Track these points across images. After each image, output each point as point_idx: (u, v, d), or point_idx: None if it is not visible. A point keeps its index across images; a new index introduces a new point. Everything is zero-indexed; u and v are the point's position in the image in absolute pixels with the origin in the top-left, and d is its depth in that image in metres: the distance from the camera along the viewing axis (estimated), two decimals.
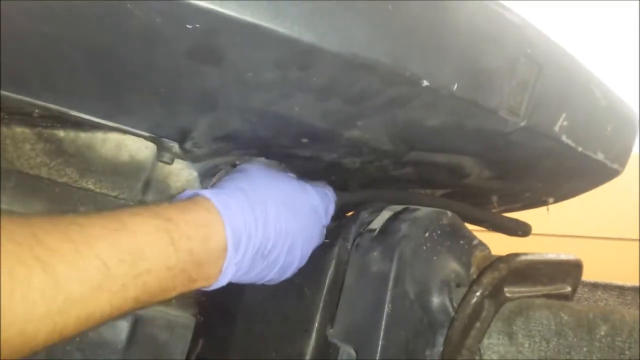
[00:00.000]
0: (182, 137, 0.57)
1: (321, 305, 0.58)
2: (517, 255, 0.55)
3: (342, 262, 0.59)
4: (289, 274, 0.57)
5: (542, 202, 0.82)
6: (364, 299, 0.55)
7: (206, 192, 0.51)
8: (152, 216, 0.46)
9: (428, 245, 0.56)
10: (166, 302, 0.64)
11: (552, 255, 0.60)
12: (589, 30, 1.83)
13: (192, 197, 0.51)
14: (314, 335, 0.57)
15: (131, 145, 0.59)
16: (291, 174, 0.61)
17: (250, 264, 0.52)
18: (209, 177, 0.63)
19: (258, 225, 0.51)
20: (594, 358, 0.52)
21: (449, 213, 0.59)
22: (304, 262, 0.58)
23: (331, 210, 0.61)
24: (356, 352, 0.54)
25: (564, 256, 0.62)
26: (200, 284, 0.49)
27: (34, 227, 0.38)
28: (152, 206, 0.48)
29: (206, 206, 0.49)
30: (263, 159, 0.63)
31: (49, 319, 0.36)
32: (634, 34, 1.79)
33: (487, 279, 0.53)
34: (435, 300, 0.55)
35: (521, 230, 0.77)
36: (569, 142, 0.57)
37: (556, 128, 0.55)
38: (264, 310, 0.64)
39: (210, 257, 0.48)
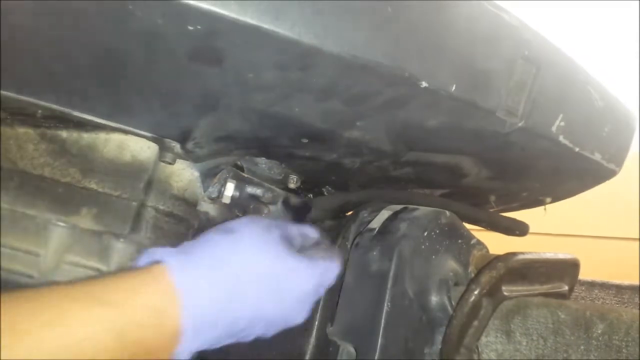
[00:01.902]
0: (183, 138, 0.57)
1: (321, 303, 0.58)
2: (514, 254, 0.56)
3: (342, 261, 0.59)
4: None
5: (540, 202, 0.82)
6: (364, 297, 0.55)
7: (172, 263, 0.44)
8: (93, 303, 0.40)
9: (427, 244, 0.57)
10: None
11: (549, 255, 0.60)
12: (587, 31, 1.83)
13: (152, 267, 0.44)
14: (314, 333, 0.58)
15: (133, 146, 0.59)
16: (289, 245, 0.51)
17: (215, 342, 0.45)
18: (210, 177, 0.63)
19: (228, 313, 0.45)
20: (591, 356, 0.53)
21: (448, 213, 0.60)
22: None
23: (330, 282, 0.52)
24: (356, 350, 0.55)
25: (561, 255, 0.62)
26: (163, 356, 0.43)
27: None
28: (97, 286, 0.42)
29: (164, 284, 0.42)
30: (263, 218, 0.58)
31: None
32: (634, 34, 1.79)
33: (485, 278, 0.53)
34: (434, 298, 0.56)
35: (519, 229, 0.77)
36: (566, 142, 0.57)
37: (553, 129, 0.56)
38: None
39: (163, 343, 0.42)
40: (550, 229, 1.70)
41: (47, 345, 0.37)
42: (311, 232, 0.56)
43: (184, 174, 0.62)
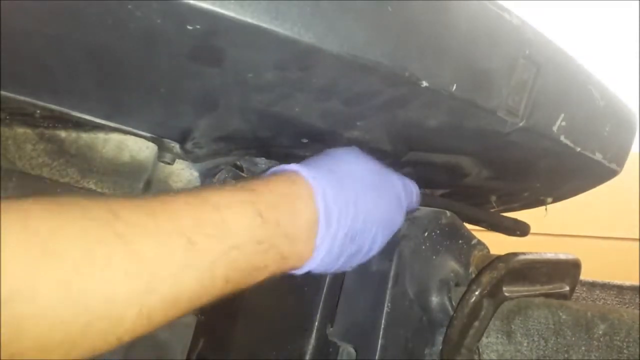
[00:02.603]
0: (183, 138, 0.57)
1: (321, 304, 0.58)
2: (515, 254, 0.56)
3: None
4: (365, 260, 0.53)
5: (541, 202, 0.82)
6: (364, 298, 0.55)
7: (294, 166, 0.48)
8: (234, 189, 0.43)
9: (427, 244, 0.57)
10: None
11: (550, 255, 0.60)
12: (587, 31, 1.83)
13: (279, 171, 0.48)
14: (314, 334, 0.57)
15: (132, 146, 0.59)
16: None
17: (341, 247, 0.48)
18: (209, 178, 0.63)
19: (349, 205, 0.48)
20: (592, 357, 0.53)
21: (448, 213, 0.60)
22: (379, 250, 0.54)
23: (414, 202, 0.57)
24: (356, 351, 0.54)
25: (562, 255, 0.62)
26: (293, 263, 0.46)
27: (111, 203, 0.35)
28: (234, 182, 0.46)
29: (294, 179, 0.47)
30: (353, 147, 0.59)
31: (134, 300, 0.33)
32: (634, 34, 1.79)
33: (485, 278, 0.53)
34: (435, 299, 0.56)
35: (520, 229, 0.77)
36: (568, 142, 0.57)
37: (554, 128, 0.56)
38: (264, 310, 0.64)
39: (300, 231, 0.44)
40: (551, 230, 1.70)
41: (204, 222, 0.38)
42: None
43: (183, 174, 0.62)
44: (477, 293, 0.52)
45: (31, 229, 0.31)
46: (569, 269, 0.63)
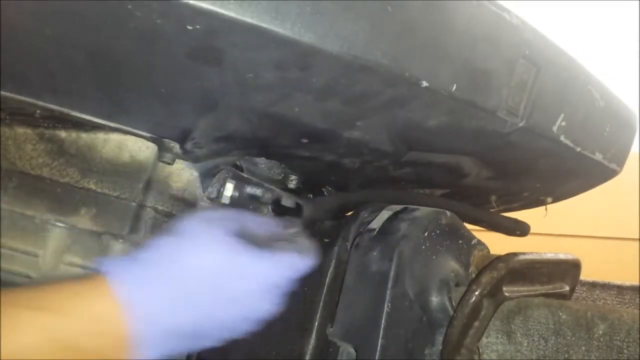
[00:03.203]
0: (182, 138, 0.57)
1: (321, 304, 0.58)
2: (515, 254, 0.55)
3: (342, 261, 0.59)
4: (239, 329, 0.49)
5: (541, 202, 0.82)
6: (364, 298, 0.55)
7: (111, 271, 0.42)
8: (32, 307, 0.38)
9: (427, 244, 0.56)
10: None
11: (550, 255, 0.60)
12: (587, 31, 1.83)
13: (94, 277, 0.42)
14: (314, 334, 0.57)
15: (132, 146, 0.59)
16: (246, 237, 0.49)
17: (175, 348, 0.44)
18: (209, 178, 0.63)
19: (181, 314, 0.43)
20: (592, 357, 0.52)
21: (448, 213, 0.59)
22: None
23: (296, 274, 0.50)
24: (356, 351, 0.54)
25: (562, 256, 0.62)
26: None
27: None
28: (38, 292, 0.40)
29: (108, 292, 0.41)
30: (215, 211, 0.54)
31: None
32: (634, 34, 1.79)
33: (485, 279, 0.53)
34: (435, 299, 0.56)
35: (520, 229, 0.77)
36: (567, 142, 0.57)
37: (554, 128, 0.56)
38: None
39: (107, 352, 0.41)
40: (551, 230, 1.70)
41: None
42: (280, 224, 0.55)
43: (183, 174, 0.62)
44: (477, 293, 0.52)
45: None
46: (569, 269, 0.63)
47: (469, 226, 0.62)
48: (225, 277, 0.45)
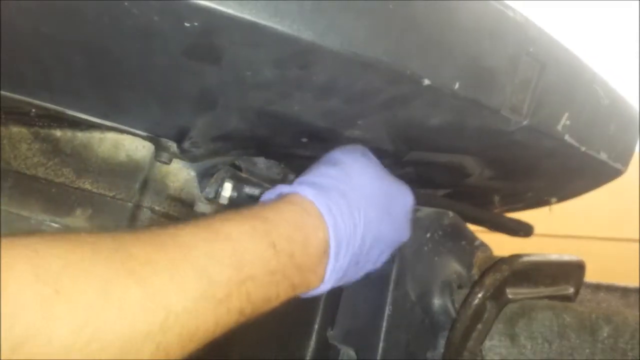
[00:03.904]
0: (180, 137, 0.57)
1: (321, 306, 0.58)
2: (519, 256, 0.55)
3: None
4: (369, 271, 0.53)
5: (545, 202, 0.82)
6: (365, 300, 0.55)
7: (307, 192, 0.47)
8: (247, 218, 0.42)
9: (429, 246, 0.56)
10: None
11: (554, 256, 0.60)
12: (587, 30, 1.83)
13: (290, 196, 0.47)
14: (314, 336, 0.57)
15: (128, 145, 0.58)
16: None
17: (346, 271, 0.48)
18: (207, 178, 0.63)
19: (357, 232, 0.47)
20: (597, 359, 0.52)
21: (451, 213, 0.59)
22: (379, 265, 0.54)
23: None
24: (356, 353, 0.54)
25: (566, 257, 0.61)
26: (301, 291, 0.45)
27: (120, 239, 0.35)
28: (243, 210, 0.44)
29: (306, 208, 0.46)
30: (359, 147, 0.57)
31: (151, 337, 0.33)
32: (634, 34, 1.79)
33: (489, 280, 0.52)
34: (437, 301, 0.55)
35: (523, 230, 0.76)
36: (572, 141, 0.57)
37: (559, 127, 0.55)
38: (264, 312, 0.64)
39: (311, 262, 0.44)
40: (555, 231, 1.69)
41: (218, 254, 0.38)
42: None
43: (180, 174, 0.62)
44: (480, 295, 0.52)
45: (41, 268, 0.30)
46: (573, 270, 0.63)
47: (471, 227, 0.62)
48: (383, 197, 0.51)
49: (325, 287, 0.46)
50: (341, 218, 0.46)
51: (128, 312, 0.32)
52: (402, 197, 0.53)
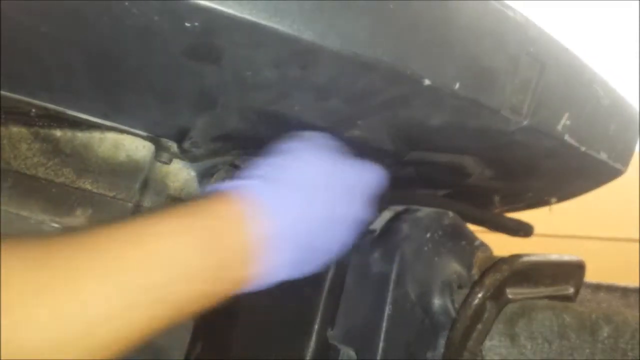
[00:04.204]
0: (180, 137, 0.57)
1: (321, 306, 0.57)
2: (519, 256, 0.55)
3: (343, 263, 0.58)
4: (328, 260, 0.51)
5: (545, 202, 0.82)
6: (365, 300, 0.55)
7: (247, 186, 0.45)
8: (179, 215, 0.41)
9: (429, 246, 0.56)
10: None
11: (554, 256, 0.59)
12: (587, 30, 1.83)
13: (228, 191, 0.45)
14: (314, 336, 0.57)
15: (129, 145, 0.58)
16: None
17: (293, 262, 0.46)
18: (207, 177, 0.63)
19: (302, 218, 0.46)
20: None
21: (451, 213, 0.59)
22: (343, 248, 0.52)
23: (382, 184, 0.54)
24: (356, 354, 0.54)
25: (566, 257, 0.61)
26: (244, 286, 0.44)
27: (47, 246, 0.35)
28: (182, 205, 0.43)
29: (244, 198, 0.44)
30: (314, 133, 0.55)
31: (78, 342, 0.33)
32: (634, 34, 1.79)
33: (489, 280, 0.52)
34: (437, 301, 0.55)
35: (523, 230, 0.76)
36: (572, 141, 0.57)
37: (559, 127, 0.55)
38: (263, 312, 0.64)
39: (250, 256, 0.42)
40: (555, 231, 1.69)
41: (146, 256, 0.37)
42: None
43: (180, 174, 0.62)
44: (480, 295, 0.51)
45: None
46: (573, 270, 0.63)
47: (471, 227, 0.62)
48: (337, 176, 0.49)
49: (273, 278, 0.45)
50: (283, 208, 0.44)
51: (55, 323, 0.32)
52: (360, 178, 0.51)
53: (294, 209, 0.45)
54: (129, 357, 0.50)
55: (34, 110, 0.53)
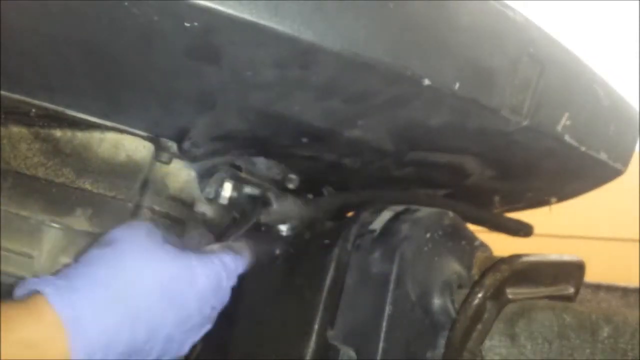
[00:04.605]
0: (180, 137, 0.57)
1: (321, 306, 0.57)
2: (519, 256, 0.55)
3: (343, 263, 0.58)
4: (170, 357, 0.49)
5: (545, 202, 0.82)
6: (365, 300, 0.55)
7: (49, 293, 0.40)
8: None
9: (429, 246, 0.56)
10: None
11: (554, 256, 0.59)
12: (587, 30, 1.83)
13: (30, 298, 0.40)
14: (314, 337, 0.57)
15: (128, 145, 0.58)
16: (178, 245, 0.51)
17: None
18: (207, 177, 0.63)
19: (123, 328, 0.42)
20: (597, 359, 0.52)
21: (451, 213, 0.59)
22: (186, 349, 0.51)
23: (232, 280, 0.53)
24: (357, 353, 0.54)
25: (566, 257, 0.61)
26: None
27: None
28: None
29: (45, 315, 0.39)
30: (144, 224, 0.53)
31: None
32: (634, 34, 1.79)
33: (489, 281, 0.52)
34: (437, 301, 0.55)
35: (523, 230, 0.76)
36: (572, 141, 0.57)
37: (559, 127, 0.55)
38: (263, 312, 0.64)
39: None
40: (555, 231, 1.69)
41: None
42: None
43: (180, 174, 0.62)
44: (480, 295, 0.51)
45: None
46: (573, 270, 0.63)
47: (471, 227, 0.62)
48: (163, 282, 0.45)
49: None
50: (93, 318, 0.41)
51: None
52: (189, 283, 0.47)
53: (115, 324, 0.42)
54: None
55: (34, 110, 0.53)
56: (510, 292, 0.55)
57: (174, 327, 0.46)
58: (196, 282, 0.48)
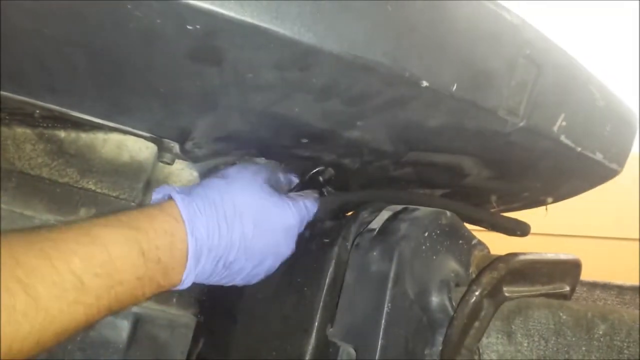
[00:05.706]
0: (182, 138, 0.57)
1: (321, 304, 0.58)
2: (516, 254, 0.55)
3: (342, 261, 0.59)
4: (256, 280, 0.60)
5: (541, 202, 0.82)
6: (364, 298, 0.55)
7: (177, 198, 0.52)
8: (122, 227, 0.48)
9: (427, 245, 0.56)
10: (167, 302, 0.64)
11: (551, 255, 0.60)
12: (587, 31, 1.83)
13: (165, 203, 0.53)
14: (313, 334, 0.57)
15: (132, 146, 0.59)
16: (275, 187, 0.61)
17: (212, 272, 0.54)
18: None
19: (221, 240, 0.53)
20: (593, 357, 0.52)
21: (448, 213, 0.59)
22: (272, 271, 0.60)
23: (308, 219, 0.62)
24: (356, 351, 0.54)
25: (562, 256, 0.61)
26: (166, 289, 0.52)
27: (11, 247, 0.40)
28: (122, 215, 0.49)
29: (174, 214, 0.51)
30: (253, 164, 0.63)
31: (32, 336, 0.39)
32: (634, 34, 1.79)
33: (486, 279, 0.52)
34: (435, 299, 0.55)
35: (520, 230, 0.76)
36: (568, 142, 0.57)
37: (555, 128, 0.55)
38: (264, 310, 0.64)
39: (175, 264, 0.50)
40: (551, 230, 1.69)
41: (93, 262, 0.44)
42: (295, 178, 0.68)
43: (182, 175, 0.62)
44: (477, 293, 0.52)
45: None
46: (570, 269, 0.63)
47: (469, 226, 0.62)
48: (258, 211, 0.56)
49: (185, 284, 0.53)
50: (205, 226, 0.52)
51: (15, 318, 0.38)
52: (280, 217, 0.57)
53: (218, 235, 0.53)
54: (131, 355, 0.54)
55: (38, 111, 0.53)
56: (507, 290, 0.55)
57: (264, 251, 0.57)
58: (287, 219, 0.58)
